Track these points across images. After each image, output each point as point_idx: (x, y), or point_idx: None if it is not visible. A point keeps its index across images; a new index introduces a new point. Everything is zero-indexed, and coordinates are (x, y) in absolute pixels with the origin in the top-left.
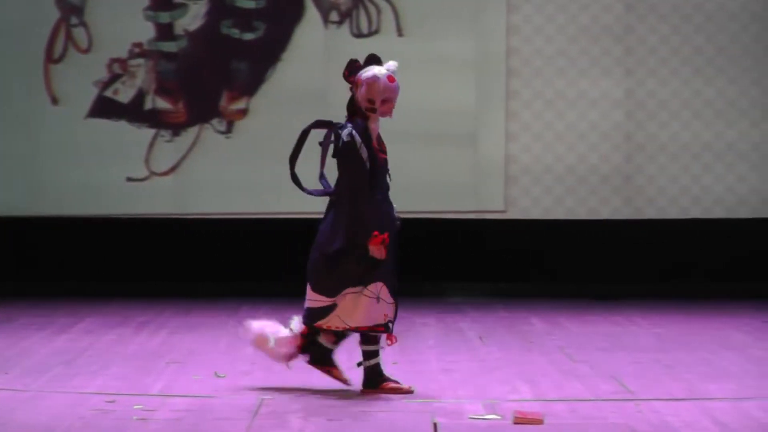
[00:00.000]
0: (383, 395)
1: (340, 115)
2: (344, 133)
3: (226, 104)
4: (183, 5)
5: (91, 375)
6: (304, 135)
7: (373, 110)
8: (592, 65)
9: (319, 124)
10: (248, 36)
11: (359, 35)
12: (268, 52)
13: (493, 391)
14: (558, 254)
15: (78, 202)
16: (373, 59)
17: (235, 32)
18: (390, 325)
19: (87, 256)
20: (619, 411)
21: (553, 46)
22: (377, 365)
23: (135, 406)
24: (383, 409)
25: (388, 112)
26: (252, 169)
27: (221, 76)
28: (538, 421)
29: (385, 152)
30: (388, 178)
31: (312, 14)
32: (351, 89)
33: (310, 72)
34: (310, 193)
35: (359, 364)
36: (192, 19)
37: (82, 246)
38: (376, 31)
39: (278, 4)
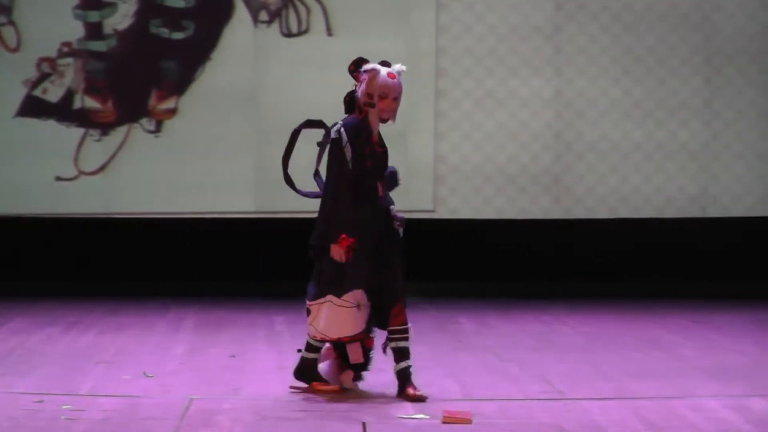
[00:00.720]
0: (312, 394)
1: (268, 112)
2: (333, 130)
3: (155, 104)
4: (112, 4)
5: (19, 375)
6: (294, 135)
7: (372, 105)
8: (521, 65)
9: (309, 123)
10: (177, 35)
11: (289, 35)
12: (198, 51)
13: (422, 389)
14: (487, 254)
15: (6, 201)
16: (386, 63)
17: (165, 31)
18: (371, 328)
19: (15, 255)
20: (548, 410)
21: (482, 45)
22: (314, 361)
23: (64, 406)
24: (312, 409)
25: (386, 111)
26: (181, 168)
27: (150, 75)
28: (467, 421)
29: (384, 148)
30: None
31: (241, 14)
32: (354, 85)
33: (239, 71)
34: (304, 194)
35: (299, 350)
36: (121, 18)
37: (9, 245)
38: (306, 31)
39: (207, 3)
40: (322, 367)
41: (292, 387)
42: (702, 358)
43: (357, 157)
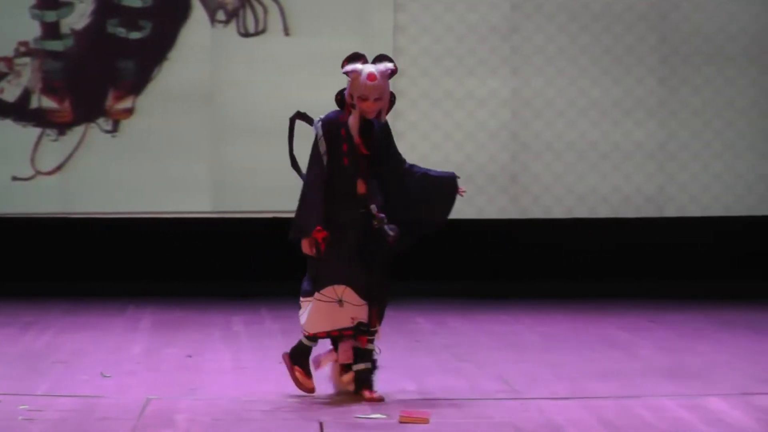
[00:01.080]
0: (270, 395)
1: (225, 112)
2: (314, 123)
3: (112, 103)
4: (69, 4)
5: None
6: (291, 123)
7: (354, 106)
8: (478, 64)
9: (299, 115)
10: (135, 35)
11: (246, 35)
12: (155, 51)
13: (379, 390)
14: (444, 253)
15: None
16: (383, 58)
17: (122, 31)
18: (361, 327)
19: None
20: (505, 410)
21: (439, 45)
22: (308, 349)
23: (21, 407)
24: (270, 408)
25: (368, 112)
26: (138, 168)
27: (107, 75)
28: (424, 421)
29: (375, 149)
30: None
31: (199, 13)
32: (348, 82)
33: (196, 71)
34: None
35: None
36: (78, 17)
37: None
38: (263, 31)
39: (165, 3)
40: (327, 371)
41: (282, 359)
42: (658, 357)
43: (332, 153)
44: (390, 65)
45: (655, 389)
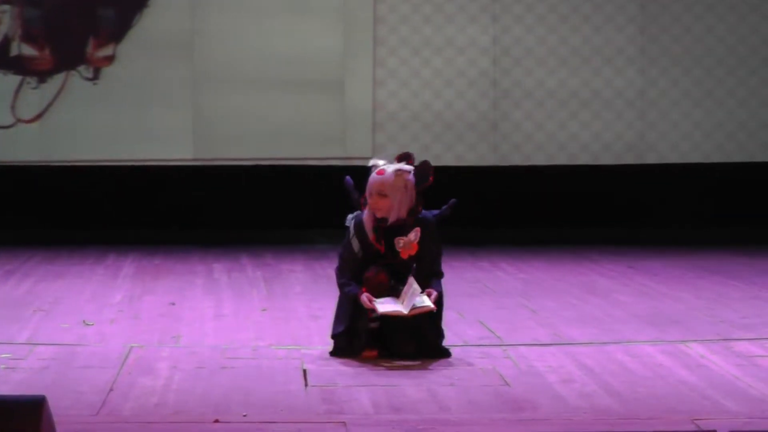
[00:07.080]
0: (252, 344)
1: (205, 59)
2: (348, 218)
3: (93, 51)
4: None
5: None
6: (347, 190)
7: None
8: (458, 12)
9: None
10: None
11: None
12: None
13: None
14: (425, 201)
15: None
16: (402, 158)
17: None
18: None
19: None
20: (487, 356)
21: None
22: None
23: (2, 355)
24: (251, 356)
25: (375, 208)
26: (119, 116)
27: (88, 22)
28: (431, 309)
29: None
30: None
31: None
32: None
33: (177, 18)
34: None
35: None
36: None
37: None
38: None
39: None
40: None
41: None
42: (638, 303)
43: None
44: (407, 167)
45: (635, 335)
